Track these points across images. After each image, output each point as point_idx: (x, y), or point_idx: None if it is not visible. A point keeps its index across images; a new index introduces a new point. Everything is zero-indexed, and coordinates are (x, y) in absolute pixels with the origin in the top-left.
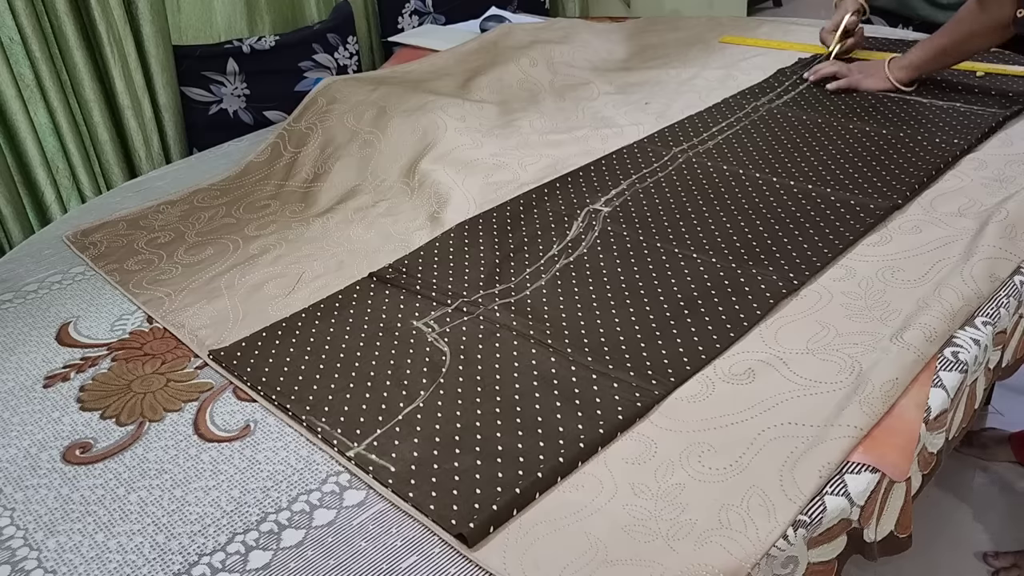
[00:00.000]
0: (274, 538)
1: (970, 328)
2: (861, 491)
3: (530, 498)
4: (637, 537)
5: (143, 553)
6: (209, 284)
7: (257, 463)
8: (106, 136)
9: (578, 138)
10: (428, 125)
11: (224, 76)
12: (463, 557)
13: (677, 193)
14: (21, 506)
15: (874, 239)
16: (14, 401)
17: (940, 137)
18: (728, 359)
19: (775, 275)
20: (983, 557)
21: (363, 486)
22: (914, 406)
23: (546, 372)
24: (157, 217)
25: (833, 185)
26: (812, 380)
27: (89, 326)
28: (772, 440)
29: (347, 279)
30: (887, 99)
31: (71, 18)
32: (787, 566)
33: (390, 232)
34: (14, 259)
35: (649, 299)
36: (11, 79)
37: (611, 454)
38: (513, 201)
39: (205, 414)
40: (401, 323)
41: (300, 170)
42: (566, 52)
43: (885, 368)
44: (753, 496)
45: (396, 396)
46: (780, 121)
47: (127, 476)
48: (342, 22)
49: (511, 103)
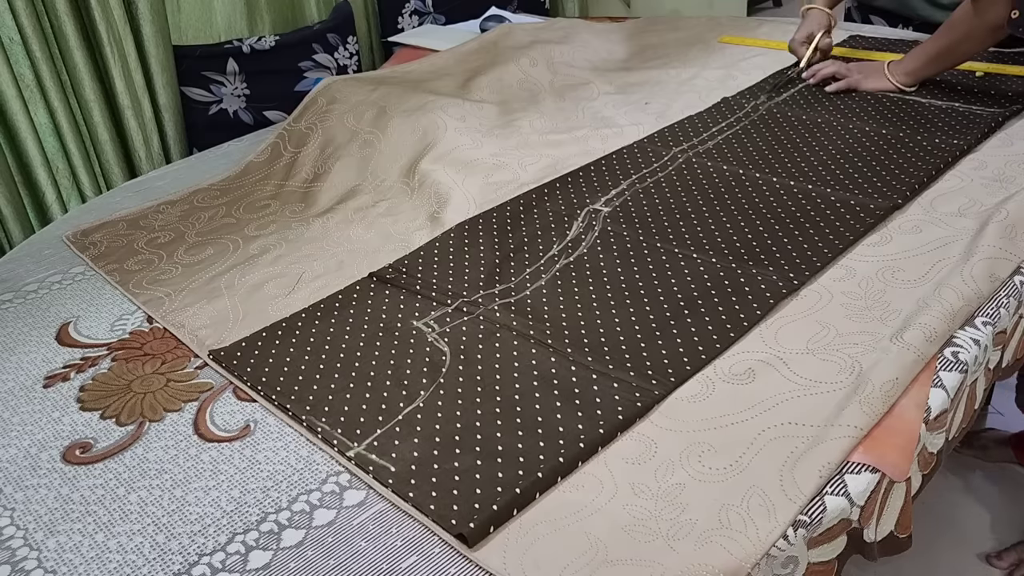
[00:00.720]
0: (274, 538)
1: (970, 328)
2: (861, 491)
3: (530, 498)
4: (637, 537)
5: (143, 553)
6: (209, 284)
7: (257, 463)
8: (106, 136)
9: (578, 138)
10: (428, 125)
11: (224, 76)
12: (463, 557)
13: (677, 193)
14: (21, 506)
15: (874, 239)
16: (14, 401)
17: (940, 137)
18: (728, 359)
19: (775, 275)
20: (986, 559)
21: (363, 486)
22: (914, 406)
23: (546, 372)
24: (157, 217)
25: (833, 185)
26: (812, 380)
27: (89, 326)
28: (772, 440)
29: (347, 279)
30: (887, 99)
31: (71, 18)
32: (787, 566)
33: (390, 232)
34: (14, 259)
35: (649, 299)
36: (11, 79)
37: (611, 454)
38: (513, 201)
39: (205, 414)
40: (401, 323)
41: (300, 170)
42: (566, 52)
43: (885, 368)
44: (753, 496)
45: (396, 396)
46: (780, 121)
47: (127, 476)
48: (342, 22)
49: (511, 103)
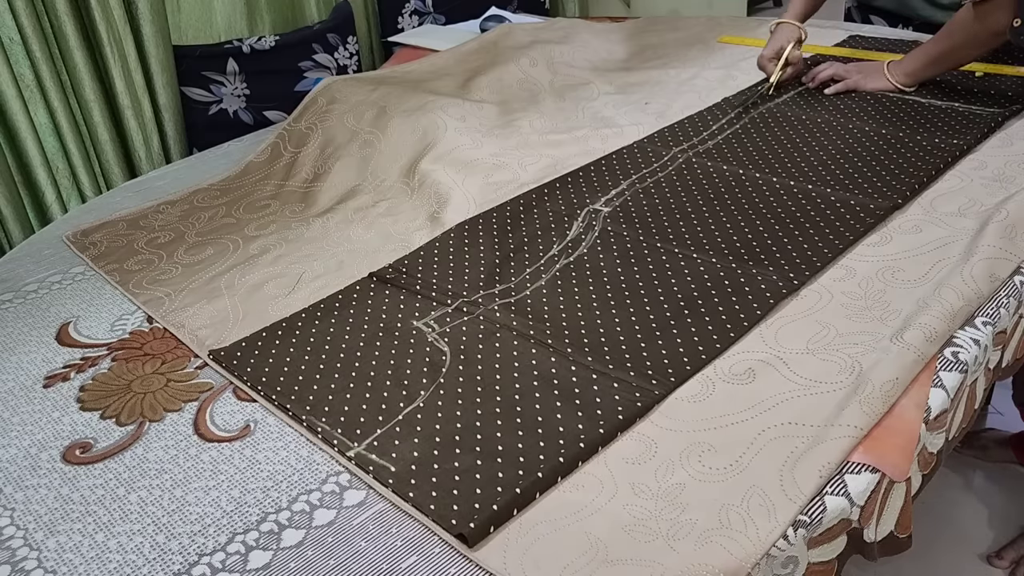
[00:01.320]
0: (274, 538)
1: (970, 328)
2: (861, 491)
3: (530, 498)
4: (637, 537)
5: (143, 553)
6: (209, 284)
7: (257, 463)
8: (106, 136)
9: (578, 138)
10: (428, 125)
11: (224, 76)
12: (463, 557)
13: (677, 193)
14: (21, 506)
15: (874, 239)
16: (14, 401)
17: (940, 137)
18: (728, 359)
19: (775, 275)
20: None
21: (363, 486)
22: (914, 406)
23: (546, 372)
24: (157, 217)
25: (833, 185)
26: (812, 380)
27: (89, 326)
28: (772, 440)
29: (347, 279)
30: (887, 99)
31: (71, 18)
32: (787, 566)
33: (390, 232)
34: (14, 259)
35: (649, 299)
36: (11, 79)
37: (611, 454)
38: (513, 201)
39: (205, 414)
40: (401, 323)
41: (300, 170)
42: (566, 52)
43: (885, 368)
44: (753, 496)
45: (396, 396)
46: (780, 121)
47: (127, 476)
48: (342, 22)
49: (511, 103)
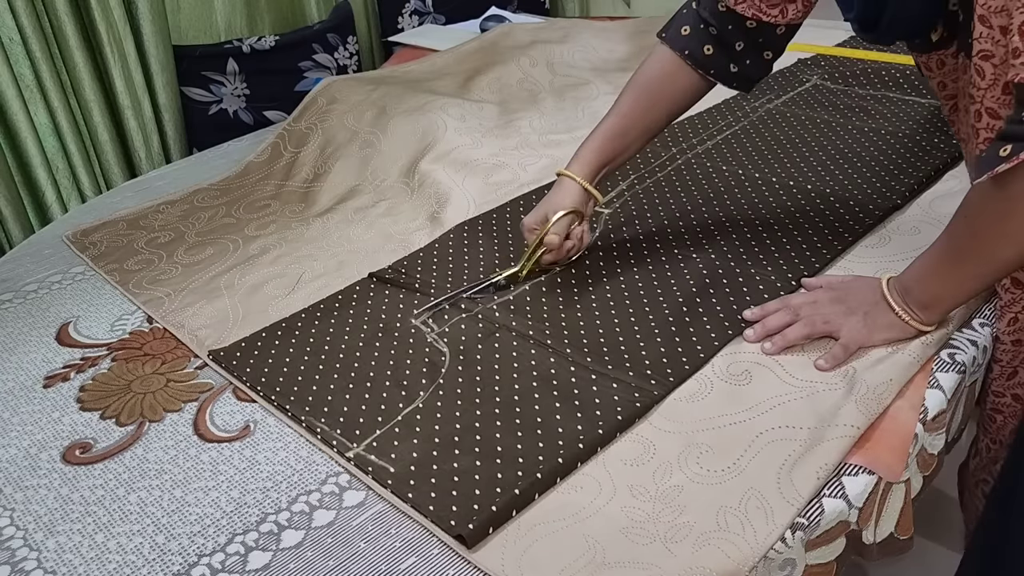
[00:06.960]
0: (274, 539)
1: (967, 330)
2: (859, 493)
3: (529, 499)
4: (635, 539)
5: (143, 554)
6: (209, 284)
7: (257, 464)
8: (106, 136)
9: (578, 138)
10: (428, 125)
11: (224, 76)
12: (462, 558)
13: (677, 193)
14: (21, 506)
15: (872, 240)
16: (14, 401)
17: (940, 137)
18: (726, 358)
19: (775, 275)
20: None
21: (362, 487)
22: (909, 407)
23: (545, 372)
24: (157, 217)
25: (833, 185)
26: (808, 381)
27: (89, 326)
28: (770, 443)
29: (347, 279)
30: (887, 99)
31: (71, 18)
32: (785, 568)
33: (390, 232)
34: (14, 259)
35: (649, 299)
36: (11, 79)
37: (609, 455)
38: (513, 201)
39: (205, 414)
40: (401, 323)
41: (300, 170)
42: (566, 52)
43: (880, 370)
44: (751, 498)
45: (395, 396)
46: (780, 121)
47: (127, 476)
48: (342, 22)
49: (511, 103)
